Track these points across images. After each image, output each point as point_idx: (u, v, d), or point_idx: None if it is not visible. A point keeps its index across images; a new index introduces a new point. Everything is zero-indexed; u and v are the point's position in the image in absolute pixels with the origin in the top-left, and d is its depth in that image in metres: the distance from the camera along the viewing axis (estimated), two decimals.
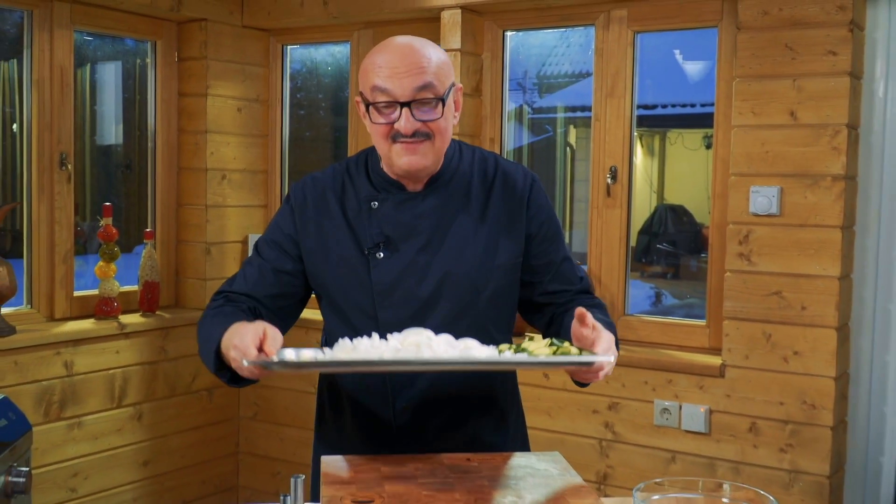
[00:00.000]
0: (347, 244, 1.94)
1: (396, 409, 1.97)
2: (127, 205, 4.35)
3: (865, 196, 3.13)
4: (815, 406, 3.06)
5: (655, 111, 9.08)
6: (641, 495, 1.79)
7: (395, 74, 1.80)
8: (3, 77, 3.83)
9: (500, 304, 1.99)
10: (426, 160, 1.86)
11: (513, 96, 4.28)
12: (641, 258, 8.44)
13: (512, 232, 1.97)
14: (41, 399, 3.51)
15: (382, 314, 1.92)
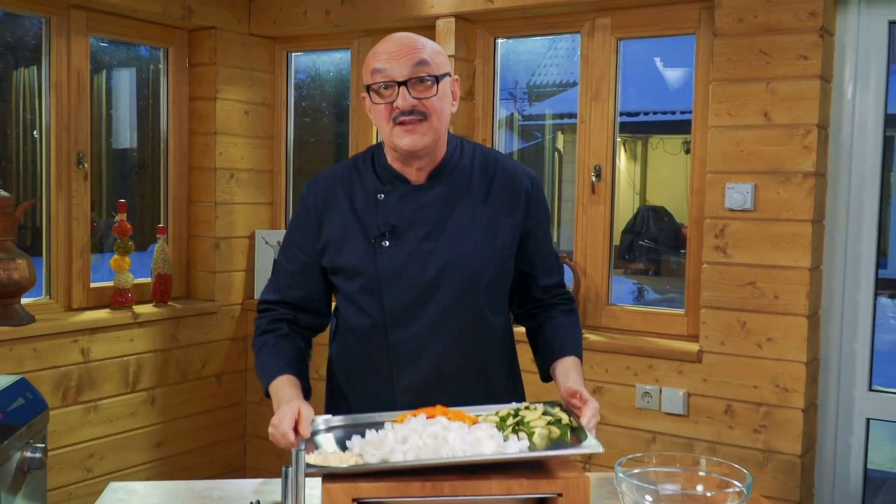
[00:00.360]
0: (355, 234, 1.96)
1: (399, 389, 1.99)
2: (141, 205, 4.33)
3: (835, 192, 3.12)
4: (787, 389, 3.05)
5: (638, 118, 9.08)
6: (623, 469, 1.79)
7: (393, 56, 1.85)
8: (23, 82, 3.81)
9: (497, 289, 2.01)
10: (426, 139, 1.87)
11: (504, 105, 4.27)
12: (625, 256, 8.45)
13: (509, 224, 1.99)
14: (59, 384, 3.49)
15: (388, 298, 1.94)
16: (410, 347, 1.96)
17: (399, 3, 3.76)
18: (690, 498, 1.73)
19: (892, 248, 13.61)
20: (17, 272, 3.31)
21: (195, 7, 3.95)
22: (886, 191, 3.18)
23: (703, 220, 3.21)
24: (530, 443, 1.72)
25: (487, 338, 2.03)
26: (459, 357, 1.99)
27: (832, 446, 3.17)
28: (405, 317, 1.95)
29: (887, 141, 3.09)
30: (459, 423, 1.74)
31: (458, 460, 1.63)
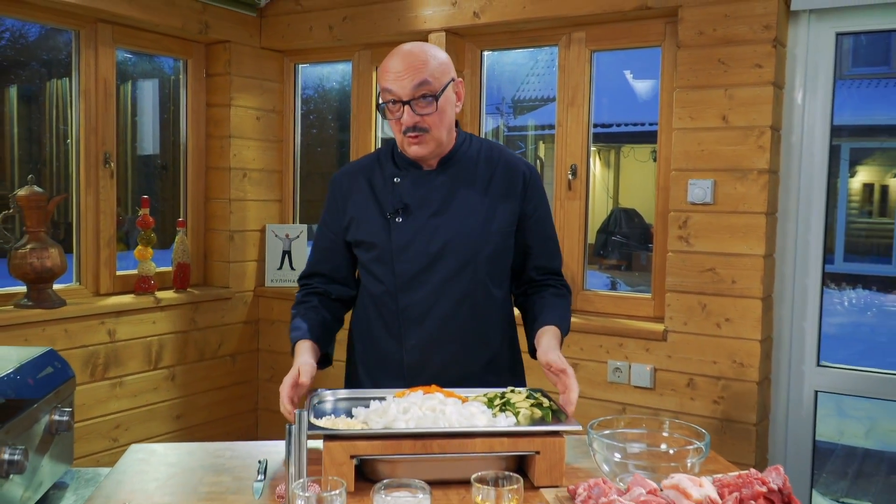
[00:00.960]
0: (374, 212, 2.03)
1: (406, 347, 2.04)
2: (163, 206, 4.31)
3: (786, 188, 3.12)
4: (744, 364, 3.05)
5: (611, 129, 9.10)
6: (595, 430, 1.78)
7: (398, 77, 1.90)
8: (56, 93, 3.79)
9: (496, 263, 2.04)
10: (428, 148, 1.95)
11: (492, 118, 4.27)
12: (599, 252, 8.45)
13: (507, 206, 2.03)
14: (88, 362, 3.47)
15: (398, 267, 2.01)
16: (417, 311, 2.01)
17: (395, 19, 3.75)
18: (655, 455, 1.73)
19: (838, 247, 13.66)
20: (50, 260, 3.29)
21: (211, 23, 3.93)
22: (832, 190, 3.19)
23: (668, 213, 3.20)
24: (516, 421, 1.74)
25: (487, 306, 2.05)
26: (460, 321, 2.02)
27: (784, 415, 3.17)
28: (413, 283, 2.00)
29: (833, 149, 3.09)
30: (454, 399, 1.77)
31: (455, 430, 1.64)
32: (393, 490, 1.51)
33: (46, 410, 1.71)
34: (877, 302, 10.98)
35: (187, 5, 3.80)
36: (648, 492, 1.49)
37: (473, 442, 1.64)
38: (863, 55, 13.73)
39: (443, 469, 1.67)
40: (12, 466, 1.47)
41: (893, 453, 5.54)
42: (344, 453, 1.59)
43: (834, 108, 3.05)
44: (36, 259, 3.26)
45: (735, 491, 1.51)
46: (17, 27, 3.73)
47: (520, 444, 1.66)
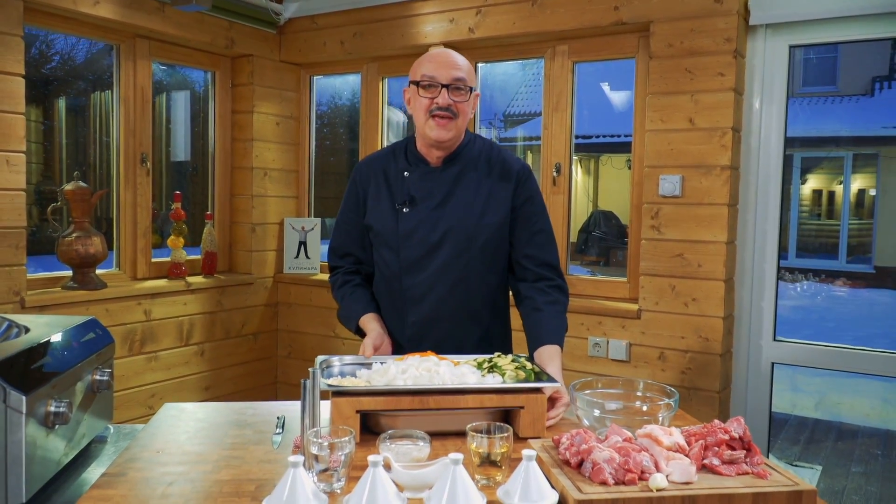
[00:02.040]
0: (385, 201, 2.03)
1: (408, 323, 2.04)
2: (193, 205, 4.29)
3: (746, 182, 3.11)
4: (708, 339, 3.04)
5: (591, 140, 9.10)
6: (577, 390, 1.77)
7: (441, 66, 1.91)
8: (100, 103, 3.77)
9: (490, 253, 2.01)
10: (450, 133, 1.93)
11: (488, 133, 4.27)
12: (581, 250, 8.45)
13: (502, 201, 2.01)
14: (126, 338, 3.46)
15: (403, 252, 2.01)
16: (418, 291, 2.01)
17: (399, 35, 3.74)
18: (630, 411, 1.72)
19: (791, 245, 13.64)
20: (93, 247, 3.28)
21: (237, 39, 3.91)
22: (786, 194, 3.18)
23: (642, 206, 3.19)
24: (503, 380, 1.74)
25: (481, 290, 2.02)
26: (455, 302, 2.01)
27: (744, 384, 3.16)
28: (415, 267, 2.01)
29: (787, 158, 3.08)
30: (447, 361, 1.78)
31: (449, 387, 1.65)
32: (397, 440, 1.51)
33: (88, 370, 1.70)
34: (824, 292, 10.99)
35: (215, 23, 3.78)
36: (624, 439, 1.48)
37: (465, 398, 1.64)
38: (812, 75, 13.76)
39: (438, 422, 1.66)
40: (57, 418, 1.46)
41: (839, 423, 5.54)
42: (350, 408, 1.59)
43: (787, 111, 3.05)
44: (80, 246, 3.25)
45: (700, 439, 1.51)
46: (65, 50, 3.74)
47: (507, 399, 1.67)
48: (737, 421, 1.52)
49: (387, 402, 1.61)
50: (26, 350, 1.46)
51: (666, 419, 1.67)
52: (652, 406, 1.71)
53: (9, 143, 2.93)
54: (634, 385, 1.85)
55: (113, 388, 1.84)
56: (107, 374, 1.75)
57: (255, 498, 1.34)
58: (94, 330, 1.82)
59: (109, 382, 1.76)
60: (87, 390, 1.69)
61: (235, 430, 1.74)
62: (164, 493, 1.37)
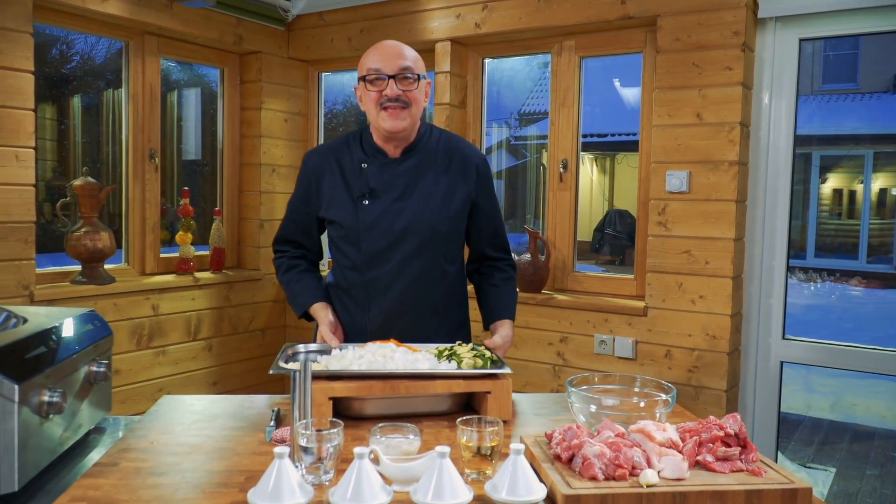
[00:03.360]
0: (342, 193, 2.01)
1: (370, 315, 2.05)
2: (204, 202, 4.31)
3: (755, 178, 3.07)
4: (715, 337, 3.02)
5: (606, 138, 9.08)
6: (573, 386, 1.76)
7: (386, 57, 1.91)
8: (113, 100, 3.80)
9: (450, 243, 2.05)
10: (404, 123, 1.93)
11: (502, 131, 4.26)
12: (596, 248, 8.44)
13: (462, 192, 2.04)
14: (134, 332, 3.48)
15: (365, 244, 2.00)
16: (381, 284, 2.02)
17: (406, 31, 3.73)
18: (626, 407, 1.70)
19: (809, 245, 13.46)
20: (101, 242, 3.30)
21: (245, 35, 3.93)
22: (805, 193, 3.14)
23: (649, 202, 3.17)
24: (458, 366, 1.78)
25: (442, 281, 2.06)
26: (418, 294, 2.03)
27: (752, 383, 3.13)
28: (378, 259, 2.00)
29: (805, 156, 3.05)
30: (404, 349, 1.82)
31: (420, 372, 1.70)
32: (388, 433, 1.50)
33: (86, 362, 1.71)
34: (842, 292, 10.85)
35: (223, 20, 3.80)
36: (616, 435, 1.47)
37: (435, 383, 1.69)
38: (832, 72, 13.60)
39: (405, 405, 1.73)
40: (51, 407, 1.47)
41: (855, 424, 5.47)
42: (322, 395, 1.63)
43: (798, 106, 3.01)
44: (89, 241, 3.28)
45: (695, 435, 1.49)
46: (85, 50, 3.77)
47: (474, 384, 1.72)
48: (732, 417, 1.51)
49: (359, 389, 1.65)
50: (20, 340, 1.47)
51: (663, 416, 1.65)
52: (649, 401, 1.69)
53: (18, 138, 2.96)
54: (632, 381, 1.83)
55: (111, 380, 1.86)
56: (104, 366, 1.76)
57: (243, 489, 1.34)
58: (93, 322, 1.83)
59: (107, 374, 1.77)
60: (84, 381, 1.70)
61: (231, 422, 1.74)
62: (154, 483, 1.37)
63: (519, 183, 6.03)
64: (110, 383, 1.85)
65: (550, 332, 3.39)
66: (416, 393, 1.68)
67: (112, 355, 1.89)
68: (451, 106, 3.65)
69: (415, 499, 1.27)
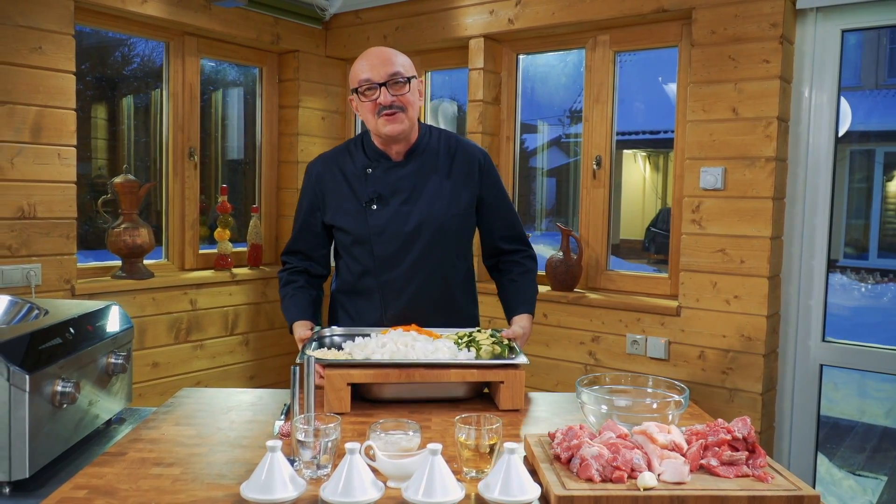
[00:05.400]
0: (349, 200, 2.04)
1: (387, 316, 2.08)
2: (245, 199, 4.39)
3: (794, 174, 2.98)
4: (751, 338, 2.93)
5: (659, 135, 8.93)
6: (584, 386, 1.74)
7: (373, 66, 1.94)
8: (161, 100, 3.90)
9: (459, 240, 2.09)
10: (403, 125, 1.96)
11: (553, 130, 4.24)
12: (649, 248, 8.31)
13: (467, 189, 2.06)
14: (172, 327, 3.57)
15: (377, 249, 2.03)
16: (396, 286, 2.05)
17: (440, 28, 3.74)
18: (638, 407, 1.67)
19: (872, 245, 13.06)
20: (140, 238, 3.40)
21: (282, 35, 3.99)
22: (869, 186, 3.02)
23: (683, 199, 3.10)
24: (477, 355, 1.82)
25: (454, 278, 2.10)
26: (433, 292, 2.07)
27: (790, 387, 3.04)
28: (390, 262, 2.03)
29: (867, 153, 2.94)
30: (426, 336, 1.86)
31: (434, 361, 1.75)
32: (389, 429, 1.51)
33: (103, 353, 1.76)
34: None
35: (261, 19, 3.86)
36: (618, 436, 1.44)
37: (449, 372, 1.73)
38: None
39: (422, 390, 1.79)
40: (64, 397, 1.52)
41: None
42: (342, 381, 1.69)
43: (839, 100, 2.90)
44: (129, 237, 3.37)
45: (702, 438, 1.45)
46: (146, 52, 3.87)
47: (487, 374, 1.76)
48: (742, 421, 1.46)
49: (375, 376, 1.72)
50: (36, 331, 1.52)
51: (675, 417, 1.61)
52: (661, 402, 1.66)
53: (60, 137, 3.06)
54: (644, 381, 1.80)
55: (130, 371, 1.91)
56: (122, 358, 1.81)
57: (241, 481, 1.36)
58: (113, 315, 1.89)
59: (125, 366, 1.82)
60: (102, 373, 1.75)
61: (243, 415, 1.78)
62: (157, 473, 1.41)
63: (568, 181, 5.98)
64: (130, 375, 1.91)
65: (582, 331, 3.35)
66: (430, 381, 1.74)
67: (132, 348, 1.94)
68: (485, 103, 3.64)
69: (406, 496, 1.27)
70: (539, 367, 3.47)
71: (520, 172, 3.83)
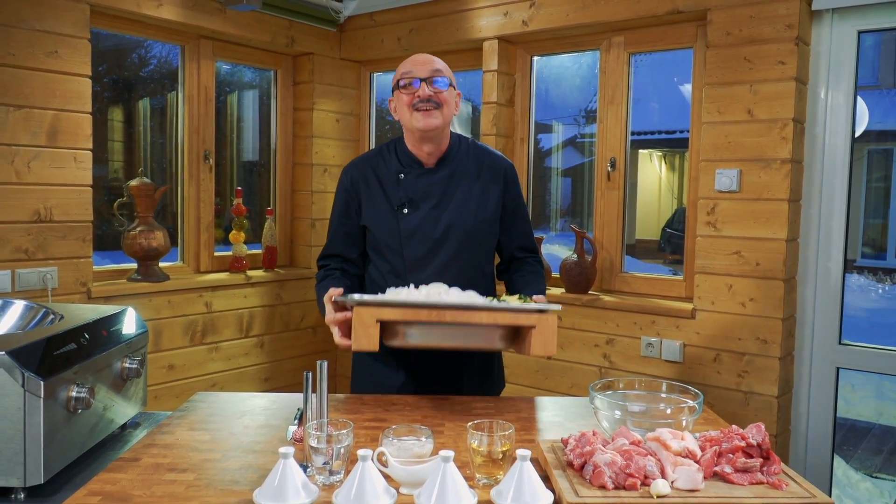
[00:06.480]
0: (383, 204, 2.08)
1: None
2: (260, 200, 4.40)
3: (810, 176, 2.95)
4: (767, 341, 2.91)
5: (675, 135, 8.88)
6: (597, 391, 1.73)
7: (417, 63, 2.03)
8: (177, 102, 3.92)
9: (486, 246, 2.14)
10: (436, 121, 2.00)
11: (568, 130, 4.23)
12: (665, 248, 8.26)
13: (494, 197, 2.12)
14: (188, 329, 3.59)
15: (407, 251, 2.06)
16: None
17: (454, 29, 3.73)
18: (651, 413, 1.66)
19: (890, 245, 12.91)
20: (155, 241, 3.42)
21: (297, 37, 4.00)
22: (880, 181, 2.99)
23: (698, 201, 3.08)
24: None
25: (478, 281, 2.10)
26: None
27: (806, 390, 3.01)
28: (419, 265, 2.06)
29: (886, 152, 2.91)
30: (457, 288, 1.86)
31: (465, 303, 1.73)
32: (402, 435, 1.51)
33: (118, 358, 1.77)
34: None
35: (276, 22, 3.87)
36: (631, 442, 1.43)
37: (480, 314, 1.71)
38: None
39: (450, 336, 1.76)
40: (79, 403, 1.53)
41: None
42: (371, 317, 1.68)
43: (856, 101, 2.87)
44: (144, 240, 3.39)
45: (716, 445, 1.44)
46: (163, 54, 3.89)
47: (519, 318, 1.73)
48: (756, 427, 1.45)
49: (405, 314, 1.70)
50: (50, 337, 1.53)
51: (690, 423, 1.60)
52: (675, 408, 1.65)
53: (76, 141, 3.08)
54: (657, 386, 1.79)
55: (145, 376, 1.92)
56: (136, 363, 1.82)
57: (254, 487, 1.36)
58: (128, 319, 1.90)
59: (139, 370, 1.83)
60: (116, 377, 1.76)
61: (257, 420, 1.78)
62: (171, 479, 1.41)
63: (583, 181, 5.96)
64: (144, 379, 1.92)
65: (596, 333, 3.34)
66: (461, 321, 1.69)
67: (147, 352, 1.95)
68: (499, 105, 3.63)
69: (418, 502, 1.26)
70: (553, 370, 3.46)
71: (534, 173, 3.82)
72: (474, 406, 1.93)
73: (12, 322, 1.85)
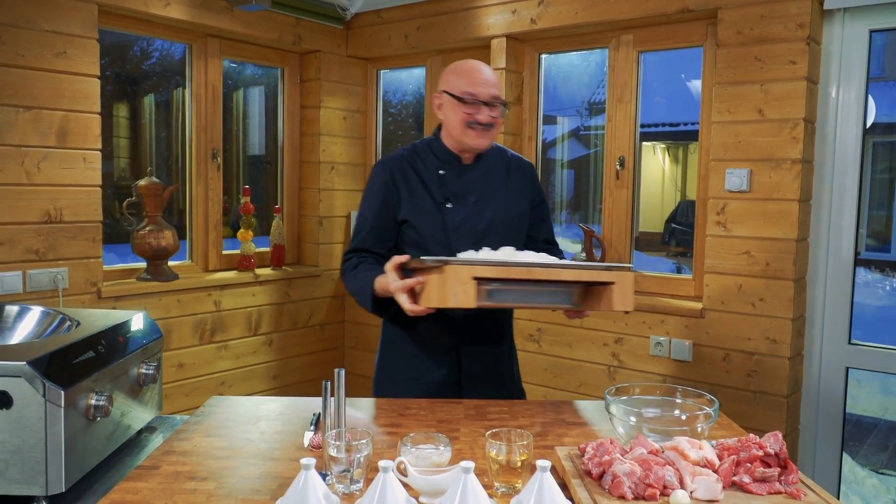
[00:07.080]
0: (425, 198, 2.12)
1: (457, 310, 2.03)
2: (267, 198, 4.40)
3: (820, 176, 2.94)
4: (776, 341, 2.91)
5: (679, 127, 8.85)
6: (612, 396, 1.73)
7: (480, 84, 2.06)
8: (184, 100, 3.92)
9: (520, 238, 2.22)
10: (487, 142, 2.10)
11: (571, 121, 4.21)
12: (667, 241, 8.27)
13: (524, 195, 2.22)
14: (197, 327, 3.60)
15: (454, 243, 2.10)
16: None
17: (462, 27, 3.72)
18: (667, 419, 1.66)
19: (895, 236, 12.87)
20: (164, 240, 3.42)
21: (304, 35, 3.99)
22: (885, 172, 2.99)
23: (707, 200, 3.08)
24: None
25: None
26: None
27: (815, 389, 3.01)
28: None
29: (892, 145, 2.90)
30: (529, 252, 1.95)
31: (553, 263, 1.83)
32: (419, 443, 1.51)
33: (134, 364, 1.78)
34: None
35: (283, 20, 3.86)
36: (649, 452, 1.44)
37: (566, 272, 1.83)
38: None
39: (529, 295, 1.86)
40: (98, 410, 1.53)
41: None
42: (468, 274, 1.73)
43: (867, 100, 2.86)
44: (153, 239, 3.40)
45: (734, 454, 1.44)
46: (165, 48, 3.88)
47: (602, 275, 1.86)
48: (774, 436, 1.45)
49: (498, 272, 1.78)
50: (69, 346, 1.54)
51: (706, 429, 1.61)
52: (691, 415, 1.65)
53: (86, 141, 3.08)
54: (673, 392, 1.79)
55: (160, 381, 1.92)
56: (152, 368, 1.82)
57: (274, 496, 1.37)
58: (143, 325, 1.90)
59: (155, 376, 1.84)
60: (133, 383, 1.77)
61: (273, 426, 1.78)
62: (192, 487, 1.42)
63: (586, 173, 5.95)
64: (160, 384, 1.92)
65: (605, 332, 3.34)
66: (549, 278, 1.80)
67: (162, 357, 1.96)
68: (507, 102, 3.62)
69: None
70: (562, 368, 3.46)
71: (539, 165, 3.81)
72: (488, 410, 1.93)
73: (29, 329, 1.85)
